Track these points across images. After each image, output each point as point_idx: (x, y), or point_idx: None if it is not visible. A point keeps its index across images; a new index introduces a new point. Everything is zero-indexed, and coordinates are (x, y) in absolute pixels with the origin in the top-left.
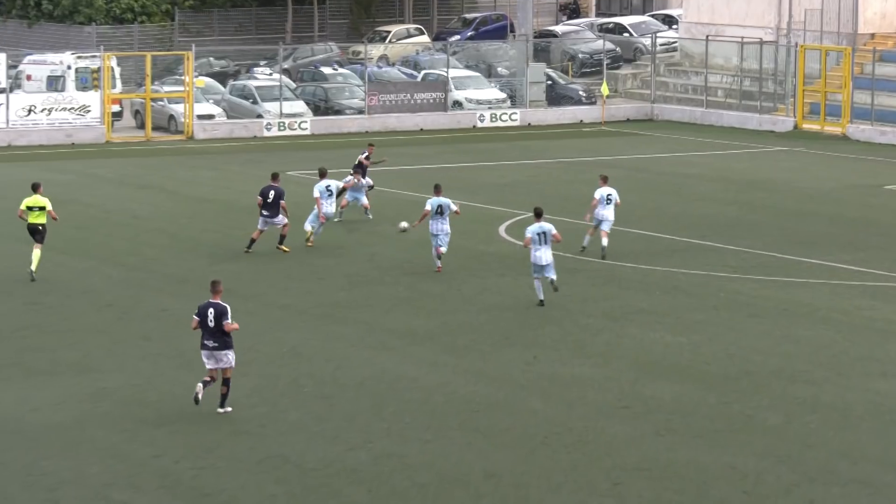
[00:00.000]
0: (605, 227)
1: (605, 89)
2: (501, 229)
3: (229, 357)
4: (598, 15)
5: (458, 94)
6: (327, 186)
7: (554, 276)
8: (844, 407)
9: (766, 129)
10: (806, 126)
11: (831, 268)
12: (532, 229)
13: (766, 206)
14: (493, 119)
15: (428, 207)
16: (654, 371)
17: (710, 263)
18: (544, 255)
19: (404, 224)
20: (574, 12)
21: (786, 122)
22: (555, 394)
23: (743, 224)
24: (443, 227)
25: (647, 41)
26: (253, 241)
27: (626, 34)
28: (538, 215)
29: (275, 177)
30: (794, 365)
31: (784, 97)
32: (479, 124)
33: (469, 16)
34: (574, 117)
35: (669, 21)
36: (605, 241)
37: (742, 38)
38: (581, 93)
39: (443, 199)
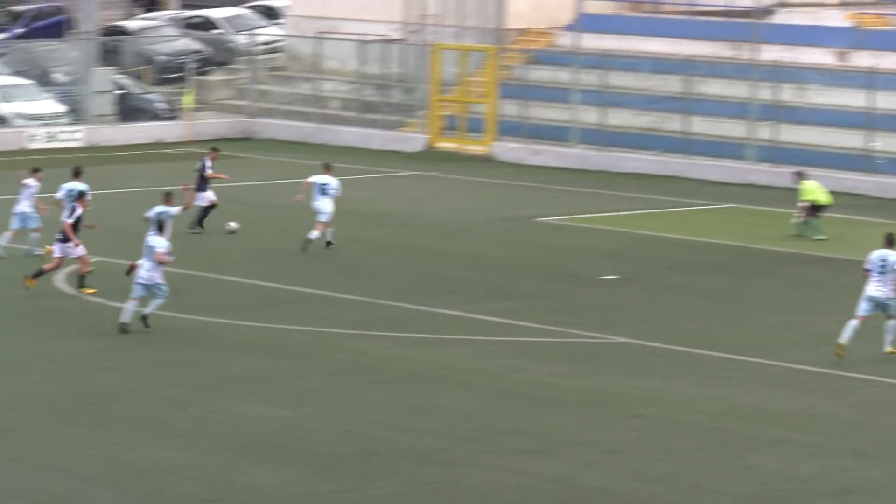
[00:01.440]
0: (323, 219)
1: (189, 100)
2: (59, 278)
3: None
4: (183, 7)
5: (2, 108)
6: None
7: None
8: (489, 493)
9: (393, 148)
10: (441, 145)
11: (473, 320)
12: None
13: (394, 245)
14: (49, 139)
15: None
16: (254, 454)
17: (324, 317)
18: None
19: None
20: (151, 4)
21: (416, 139)
22: (129, 486)
23: (365, 268)
24: None
25: (244, 39)
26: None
27: (217, 31)
28: None
29: None
30: (429, 442)
31: (414, 109)
32: (30, 145)
33: (19, 8)
34: (152, 135)
35: (271, 14)
36: (317, 233)
37: (362, 35)
38: (160, 105)
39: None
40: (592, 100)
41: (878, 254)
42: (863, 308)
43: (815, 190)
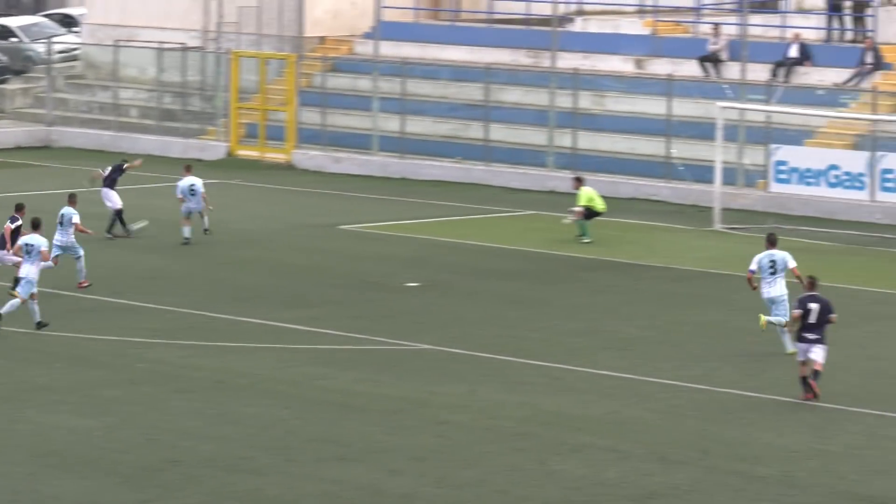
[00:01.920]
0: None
1: None
2: None
3: None
4: None
5: None
6: None
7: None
8: (295, 501)
9: (193, 156)
10: (242, 153)
11: (276, 328)
12: None
13: (195, 253)
14: None
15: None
16: (57, 463)
17: (125, 327)
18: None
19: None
20: None
21: (217, 147)
22: None
23: (167, 276)
24: None
25: (41, 48)
26: None
27: (13, 39)
28: None
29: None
30: (233, 450)
31: (214, 117)
32: None
33: None
34: None
35: (69, 22)
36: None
37: (161, 43)
38: None
39: None
40: (393, 107)
41: (765, 255)
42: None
43: (591, 196)
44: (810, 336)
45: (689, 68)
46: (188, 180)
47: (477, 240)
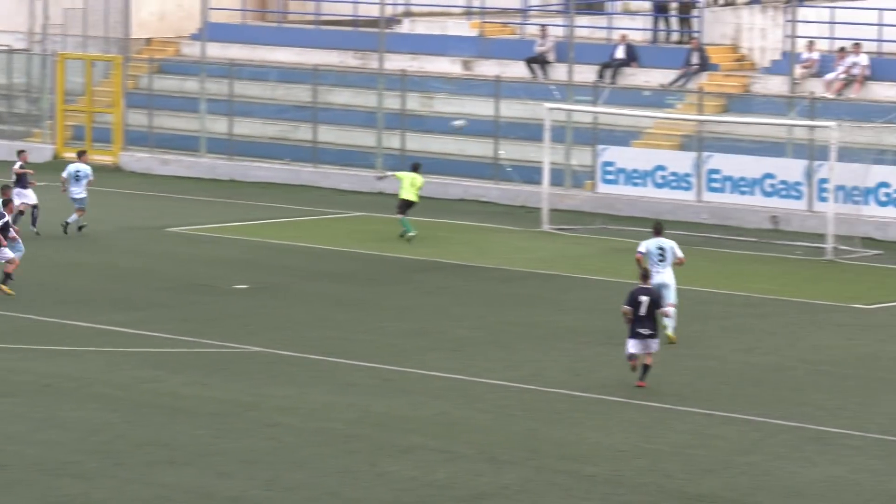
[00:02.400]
0: (78, 206)
1: None
2: None
3: None
4: None
5: None
6: None
7: None
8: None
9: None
10: (68, 155)
11: (104, 331)
12: None
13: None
14: None
15: None
16: None
17: None
18: None
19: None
20: None
21: (43, 150)
22: None
23: None
24: None
25: None
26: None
27: None
28: None
29: None
30: (60, 455)
31: (40, 119)
32: None
33: None
34: None
35: None
36: (75, 217)
37: None
38: None
39: None
40: (220, 109)
41: (653, 242)
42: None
43: (413, 182)
44: (644, 332)
45: (517, 69)
46: (75, 166)
47: (306, 241)
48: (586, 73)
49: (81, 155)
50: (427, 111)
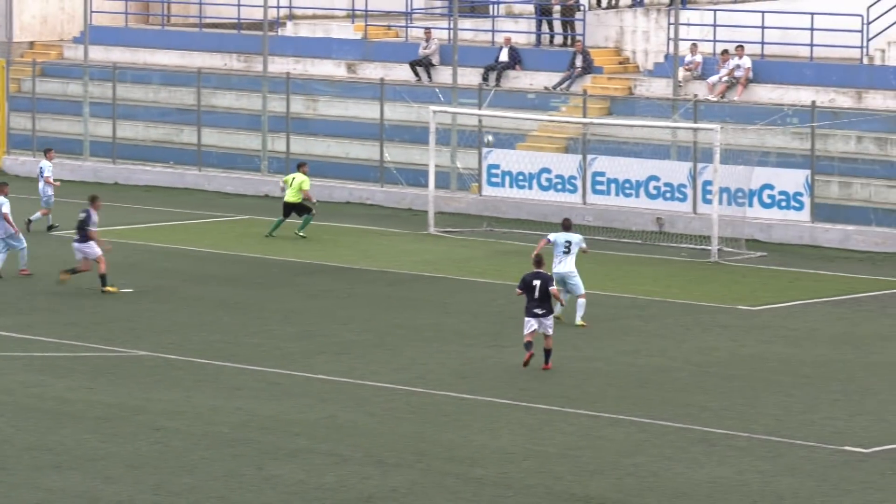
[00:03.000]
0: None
1: None
2: None
3: None
4: None
5: None
6: None
7: None
8: None
9: None
10: None
11: None
12: None
13: None
14: None
15: None
16: None
17: None
18: None
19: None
20: None
21: None
22: None
23: None
24: None
25: None
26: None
27: None
28: None
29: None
30: None
31: None
32: None
33: None
34: None
35: None
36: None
37: None
38: None
39: None
40: (104, 112)
41: (561, 236)
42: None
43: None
44: (539, 311)
45: (401, 72)
46: (42, 162)
47: (191, 245)
48: (470, 76)
49: (46, 153)
50: (312, 114)
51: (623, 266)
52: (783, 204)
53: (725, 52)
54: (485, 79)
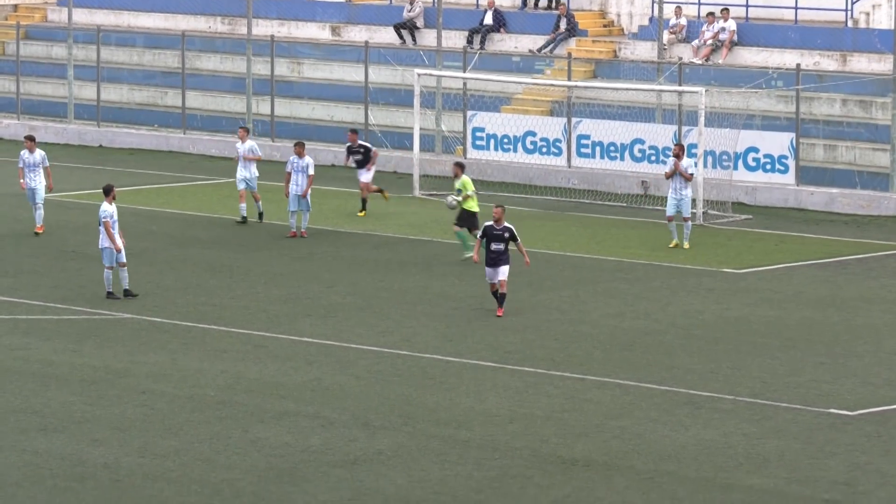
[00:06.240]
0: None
1: None
2: None
3: None
4: None
5: None
6: None
7: None
8: None
9: None
10: None
11: None
12: None
13: None
14: None
15: None
16: None
17: None
18: None
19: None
20: None
21: None
22: None
23: None
24: None
25: None
26: None
27: None
28: None
29: None
30: None
31: None
32: None
33: None
34: None
35: None
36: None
37: None
38: None
39: None
40: (88, 75)
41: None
42: None
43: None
44: (497, 261)
45: (386, 35)
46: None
47: (176, 208)
48: (455, 39)
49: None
50: (296, 77)
51: (609, 229)
52: (768, 167)
53: (710, 14)
54: (469, 42)
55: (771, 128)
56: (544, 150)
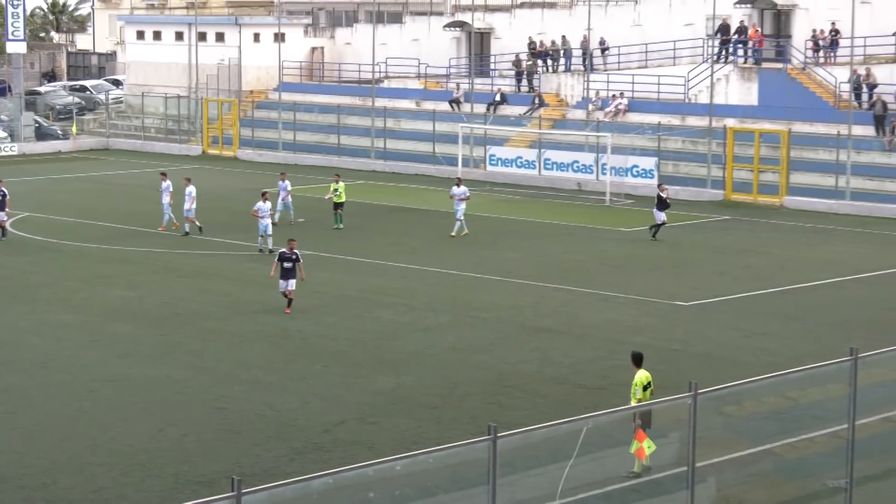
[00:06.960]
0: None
1: (74, 129)
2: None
3: None
4: (69, 79)
5: None
6: None
7: None
8: (238, 333)
9: (184, 153)
10: (211, 151)
11: (229, 244)
12: None
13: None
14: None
15: None
16: (116, 316)
17: (149, 243)
18: None
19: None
20: (52, 77)
21: (196, 149)
22: (48, 334)
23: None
24: None
25: (102, 96)
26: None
27: (88, 91)
28: None
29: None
30: (209, 309)
31: (195, 132)
32: None
33: None
34: (55, 148)
35: (117, 83)
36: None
37: (166, 94)
38: (59, 132)
39: None
40: (288, 127)
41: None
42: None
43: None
44: (287, 276)
45: (444, 106)
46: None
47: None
48: (480, 108)
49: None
50: (397, 128)
51: (559, 208)
52: (643, 175)
53: (614, 95)
54: (487, 109)
55: (645, 154)
56: (526, 167)
